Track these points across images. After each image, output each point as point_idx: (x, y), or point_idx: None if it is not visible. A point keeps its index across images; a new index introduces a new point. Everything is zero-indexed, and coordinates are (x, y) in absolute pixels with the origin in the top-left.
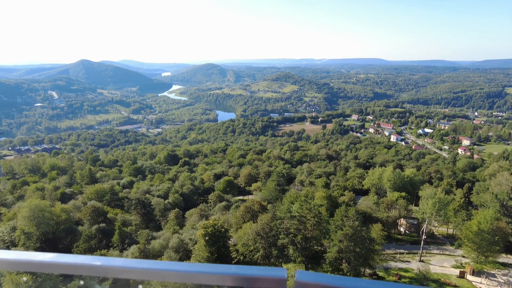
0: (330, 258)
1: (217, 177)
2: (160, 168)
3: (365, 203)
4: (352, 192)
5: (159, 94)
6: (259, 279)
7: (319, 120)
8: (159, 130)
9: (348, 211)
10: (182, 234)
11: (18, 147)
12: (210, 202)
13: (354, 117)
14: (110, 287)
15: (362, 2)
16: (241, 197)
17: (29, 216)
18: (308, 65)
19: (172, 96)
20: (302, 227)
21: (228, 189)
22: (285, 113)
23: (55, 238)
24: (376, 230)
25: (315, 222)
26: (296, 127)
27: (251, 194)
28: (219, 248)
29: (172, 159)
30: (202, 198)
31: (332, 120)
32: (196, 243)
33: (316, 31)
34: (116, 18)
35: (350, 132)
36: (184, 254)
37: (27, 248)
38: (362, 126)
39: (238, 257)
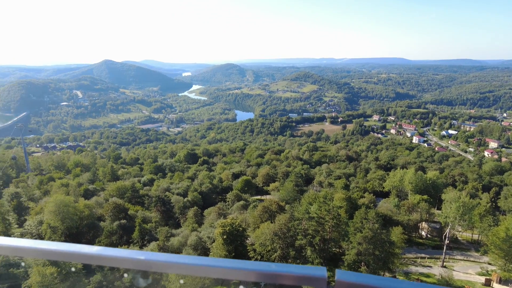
0: (348, 260)
1: (235, 176)
2: (180, 166)
3: (386, 206)
4: (372, 194)
5: (180, 94)
6: (299, 277)
7: (339, 120)
8: (179, 129)
9: (368, 213)
10: (200, 232)
11: (45, 144)
12: (228, 201)
13: (375, 117)
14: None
15: (384, 0)
16: (258, 197)
17: (55, 211)
18: (328, 65)
19: (192, 96)
20: (320, 228)
21: (246, 188)
22: (304, 113)
23: (78, 232)
24: (396, 233)
25: (334, 224)
26: (315, 127)
27: (269, 194)
28: (236, 247)
29: (192, 158)
30: (220, 197)
31: (353, 120)
32: (214, 241)
33: (337, 30)
34: (139, 19)
35: (371, 133)
36: (202, 252)
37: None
38: (384, 127)
39: (255, 257)
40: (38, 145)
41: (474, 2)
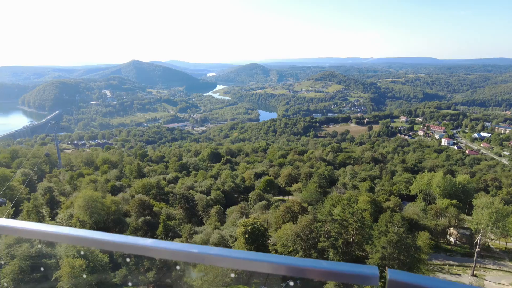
0: (371, 264)
1: (258, 176)
2: (204, 165)
3: (412, 210)
4: (398, 198)
5: (204, 94)
6: (351, 275)
7: (364, 121)
8: (203, 128)
9: (393, 217)
10: (222, 231)
11: (75, 142)
12: (250, 201)
13: (402, 118)
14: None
15: None
16: (281, 197)
17: (84, 206)
18: (354, 64)
19: (216, 95)
20: (343, 231)
21: (268, 188)
22: (328, 113)
23: (105, 227)
24: (422, 238)
25: (357, 227)
26: (339, 128)
27: (291, 194)
28: (258, 247)
29: (215, 156)
30: (242, 196)
31: (379, 121)
32: (236, 240)
33: (363, 29)
34: (167, 20)
35: (398, 134)
36: None
37: None
38: (411, 129)
39: None
40: (69, 142)
41: None
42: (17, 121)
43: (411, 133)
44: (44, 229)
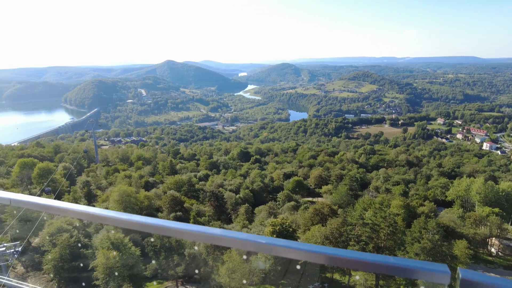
0: None
1: (287, 176)
2: (233, 164)
3: (448, 216)
4: (433, 203)
5: (235, 94)
6: (421, 272)
7: (399, 122)
8: (234, 127)
9: (428, 223)
10: (251, 229)
11: (112, 138)
12: (278, 201)
13: (440, 120)
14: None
15: None
16: (310, 199)
17: (118, 200)
18: (389, 64)
19: (247, 95)
20: (374, 235)
21: (297, 189)
22: (361, 114)
23: None
24: (460, 247)
25: (389, 232)
26: (373, 129)
27: (321, 196)
28: None
29: (245, 156)
30: (271, 196)
31: (414, 123)
32: None
33: (398, 27)
34: (201, 21)
35: (435, 137)
36: None
37: (116, 228)
38: (449, 131)
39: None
40: (106, 139)
41: None
42: (60, 118)
43: (448, 136)
44: (89, 211)
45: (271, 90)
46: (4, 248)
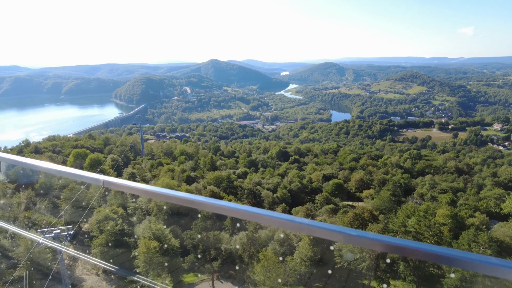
0: (449, 285)
1: (326, 178)
2: (272, 163)
3: (503, 231)
4: (485, 215)
5: (276, 93)
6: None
7: (449, 127)
8: (273, 127)
9: (479, 236)
10: (287, 229)
11: (157, 133)
12: (316, 203)
13: (497, 126)
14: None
15: None
16: (350, 203)
17: None
18: (440, 65)
19: (288, 94)
20: None
21: (336, 192)
22: (408, 117)
23: (178, 213)
24: None
25: (433, 242)
26: (420, 133)
27: (362, 201)
28: (323, 250)
29: (283, 155)
30: (309, 197)
31: (466, 128)
32: (300, 240)
33: (452, 25)
34: (245, 21)
35: (489, 144)
36: (288, 249)
37: (157, 219)
38: (507, 138)
39: (341, 263)
40: (151, 133)
41: None
42: (110, 112)
43: (506, 143)
44: (142, 187)
45: (313, 90)
46: (59, 231)
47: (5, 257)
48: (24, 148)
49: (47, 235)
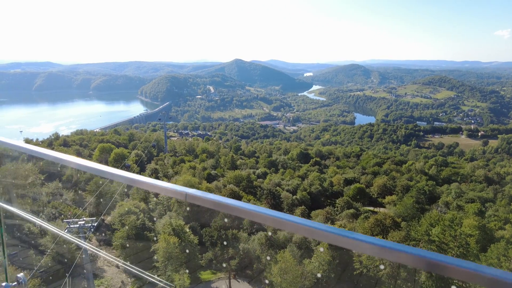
0: None
1: (348, 182)
2: (292, 164)
3: None
4: None
5: (299, 94)
6: None
7: (479, 134)
8: (295, 128)
9: (510, 250)
10: None
11: (180, 131)
12: (337, 207)
13: None
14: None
15: None
16: (371, 208)
17: None
18: (472, 69)
19: (311, 96)
20: (442, 253)
21: (358, 196)
22: (435, 122)
23: (198, 210)
24: None
25: (459, 253)
26: (447, 139)
27: (384, 207)
28: (342, 255)
29: (304, 157)
30: (329, 200)
31: (498, 136)
32: (318, 243)
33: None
34: (270, 21)
35: None
36: (306, 252)
37: (177, 215)
38: None
39: (361, 269)
40: (175, 131)
41: None
42: (135, 109)
43: None
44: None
45: (337, 91)
46: (83, 222)
47: (31, 245)
48: (54, 141)
49: (72, 226)
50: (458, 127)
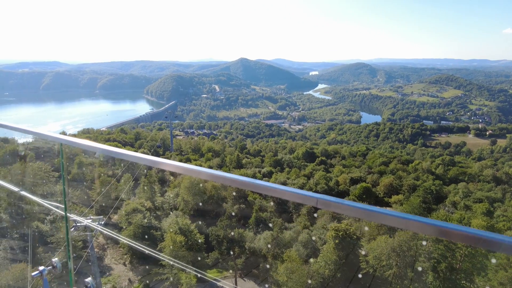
0: None
1: (354, 181)
2: (297, 163)
3: None
4: None
5: (305, 93)
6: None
7: (487, 133)
8: (300, 127)
9: None
10: (312, 231)
11: (186, 130)
12: None
13: None
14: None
15: None
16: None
17: (188, 187)
18: (480, 67)
19: (317, 95)
20: (449, 254)
21: (364, 196)
22: (442, 121)
23: (204, 209)
24: None
25: (467, 253)
26: (454, 138)
27: (390, 206)
28: (348, 255)
29: (310, 156)
30: None
31: (507, 135)
32: (325, 243)
33: (494, 26)
34: (276, 20)
35: None
36: (311, 251)
37: (184, 214)
38: None
39: (367, 269)
40: (180, 130)
41: None
42: (141, 108)
43: None
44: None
45: (343, 90)
46: (90, 220)
47: (44, 241)
48: None
49: (79, 224)
50: (465, 126)
